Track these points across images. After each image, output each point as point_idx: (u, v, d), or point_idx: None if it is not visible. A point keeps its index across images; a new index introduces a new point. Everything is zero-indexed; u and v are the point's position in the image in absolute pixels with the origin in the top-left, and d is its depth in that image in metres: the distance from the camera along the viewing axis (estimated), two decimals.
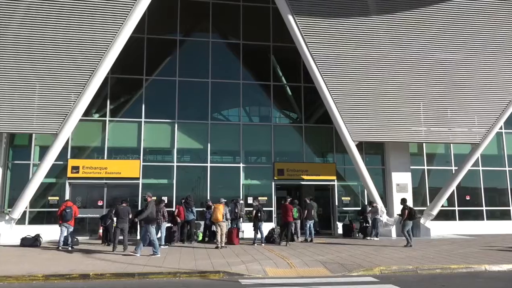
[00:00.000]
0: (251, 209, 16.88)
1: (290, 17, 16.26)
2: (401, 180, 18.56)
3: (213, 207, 14.92)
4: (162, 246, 13.87)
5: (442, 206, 18.36)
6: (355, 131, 16.96)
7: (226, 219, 14.31)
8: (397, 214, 16.64)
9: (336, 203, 18.92)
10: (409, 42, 17.14)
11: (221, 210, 13.96)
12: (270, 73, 19.52)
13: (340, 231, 18.22)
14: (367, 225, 17.01)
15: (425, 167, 19.78)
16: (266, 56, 19.61)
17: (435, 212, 17.99)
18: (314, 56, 16.45)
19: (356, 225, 17.75)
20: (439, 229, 18.37)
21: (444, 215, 19.21)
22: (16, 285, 8.60)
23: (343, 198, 19.23)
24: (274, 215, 18.15)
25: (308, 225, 15.85)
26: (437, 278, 9.37)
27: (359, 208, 18.49)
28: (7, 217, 15.07)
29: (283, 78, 20.09)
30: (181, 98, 18.36)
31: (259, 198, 16.93)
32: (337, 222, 18.65)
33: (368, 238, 16.58)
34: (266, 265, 10.40)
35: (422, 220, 17.87)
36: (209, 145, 18.31)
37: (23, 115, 14.81)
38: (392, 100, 17.13)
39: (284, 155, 19.30)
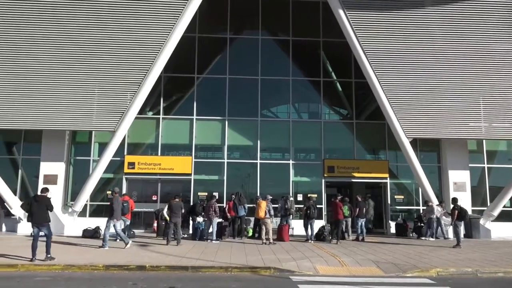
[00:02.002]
0: (301, 206, 16.86)
1: (341, 11, 15.97)
2: (459, 179, 17.72)
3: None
4: (213, 241, 14.18)
5: (504, 206, 17.30)
6: (409, 127, 16.40)
7: (270, 216, 14.32)
8: (445, 212, 15.92)
9: (389, 202, 18.40)
10: (467, 33, 16.29)
11: (262, 207, 14.01)
12: (320, 69, 19.28)
13: (392, 230, 17.71)
14: (422, 224, 16.42)
15: (485, 165, 18.74)
16: (316, 52, 19.39)
17: (496, 212, 17.00)
18: (366, 51, 16.06)
19: (410, 224, 17.18)
20: (500, 231, 17.32)
21: (506, 216, 18.09)
22: (79, 274, 9.12)
23: (396, 197, 18.66)
24: (324, 213, 17.96)
25: (359, 223, 15.54)
26: (499, 282, 8.89)
27: (413, 207, 17.88)
28: (70, 210, 16.01)
29: (333, 74, 19.80)
30: (231, 95, 18.60)
31: (309, 195, 16.83)
32: (390, 221, 18.14)
33: (423, 238, 16.00)
34: (316, 263, 10.33)
35: (481, 221, 16.97)
36: (258, 142, 18.41)
37: (83, 114, 15.62)
38: (449, 94, 16.37)
39: (334, 152, 19.04)
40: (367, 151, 19.29)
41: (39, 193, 10.72)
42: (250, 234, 15.94)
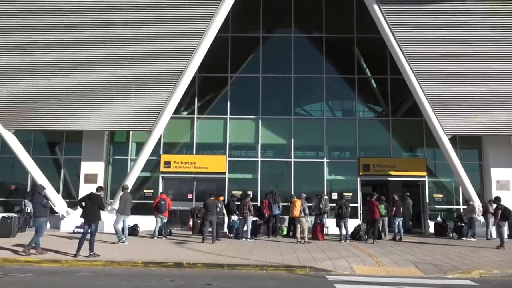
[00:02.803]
0: (335, 204, 16.67)
1: (375, 6, 15.64)
2: (502, 177, 17.02)
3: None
4: (248, 239, 14.26)
5: None
6: (448, 124, 15.88)
7: (305, 214, 14.24)
8: (485, 212, 15.33)
9: (427, 201, 17.90)
10: (508, 25, 15.55)
11: (297, 206, 13.95)
12: (354, 66, 18.99)
13: (431, 230, 17.22)
14: (462, 224, 15.89)
15: None
16: (350, 49, 19.11)
17: None
18: (402, 46, 15.66)
19: (450, 224, 16.66)
20: None
21: None
22: (119, 270, 9.40)
23: (434, 196, 18.13)
24: (359, 212, 17.69)
25: (396, 223, 15.20)
26: None
27: (453, 206, 17.32)
28: (109, 208, 16.51)
29: (367, 71, 19.46)
30: (264, 94, 18.63)
31: (344, 193, 16.65)
32: (428, 221, 17.65)
33: (464, 238, 15.47)
34: (353, 262, 10.20)
35: None
36: (292, 140, 18.35)
37: (121, 115, 16.05)
38: (490, 89, 15.71)
39: (369, 150, 18.72)
40: (404, 148, 18.84)
41: (94, 191, 11.08)
42: (285, 232, 15.91)
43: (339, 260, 10.45)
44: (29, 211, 15.29)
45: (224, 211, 14.83)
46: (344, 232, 14.62)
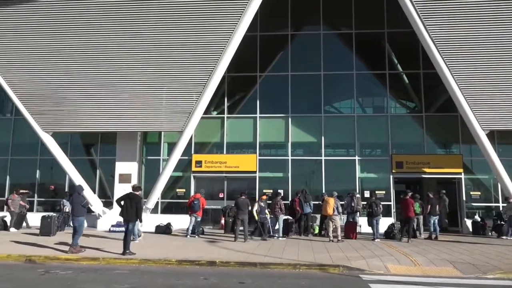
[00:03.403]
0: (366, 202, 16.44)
1: (407, 0, 15.26)
2: None
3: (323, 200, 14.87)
4: (280, 238, 14.25)
5: None
6: (485, 119, 15.33)
7: (338, 213, 14.09)
8: None
9: (464, 198, 17.36)
10: None
11: (331, 204, 13.82)
12: (385, 62, 18.62)
13: (469, 228, 16.69)
14: (502, 222, 15.32)
15: None
16: (380, 44, 18.75)
17: None
18: (435, 40, 15.22)
19: (488, 222, 16.09)
20: None
21: None
22: (154, 267, 9.59)
23: (471, 193, 17.56)
24: (393, 210, 17.36)
25: (432, 221, 14.82)
26: None
27: (492, 204, 16.72)
28: (143, 207, 16.84)
29: (398, 66, 19.04)
30: (294, 92, 18.55)
31: (376, 191, 16.38)
32: (465, 219, 17.12)
33: (504, 237, 14.92)
34: (387, 261, 10.03)
35: None
36: (322, 138, 18.20)
37: (153, 116, 16.36)
38: None
39: (402, 147, 18.32)
40: (438, 145, 18.34)
41: (131, 191, 11.33)
42: (317, 231, 15.80)
43: (373, 259, 10.29)
44: (67, 210, 15.84)
45: (267, 210, 14.61)
46: (376, 230, 14.37)
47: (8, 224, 15.92)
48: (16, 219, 15.97)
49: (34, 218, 16.39)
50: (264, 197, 14.89)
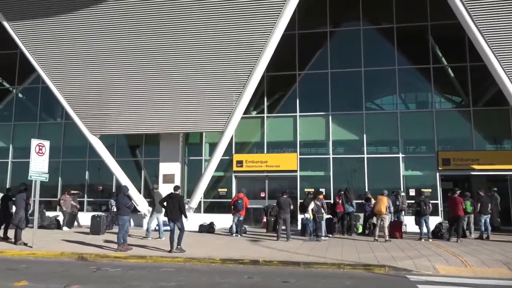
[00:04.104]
0: (413, 201, 15.96)
1: None
2: None
3: (371, 199, 14.60)
4: (323, 237, 14.11)
5: None
6: None
7: (389, 212, 13.78)
8: None
9: None
10: None
11: (385, 202, 13.52)
12: (428, 55, 17.98)
13: None
14: None
15: None
16: (423, 37, 18.13)
17: None
18: (483, 31, 14.52)
19: None
20: None
21: None
22: (199, 266, 9.77)
23: None
24: (440, 209, 16.76)
25: (483, 220, 14.18)
26: None
27: None
28: (186, 206, 17.18)
29: (443, 59, 18.35)
30: (334, 89, 18.31)
31: (422, 189, 15.88)
32: None
33: None
34: (435, 262, 9.70)
35: None
36: (364, 135, 17.85)
37: (194, 117, 16.65)
38: None
39: (448, 143, 17.66)
40: (488, 140, 17.52)
41: (172, 191, 11.63)
42: (360, 230, 15.54)
43: (420, 259, 9.99)
44: (115, 210, 16.42)
45: (323, 209, 14.41)
46: (425, 230, 13.92)
47: (61, 223, 16.73)
48: (68, 218, 16.75)
49: (84, 218, 17.17)
50: (321, 196, 14.60)
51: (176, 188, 11.72)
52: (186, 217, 11.35)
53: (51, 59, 17.35)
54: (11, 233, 12.87)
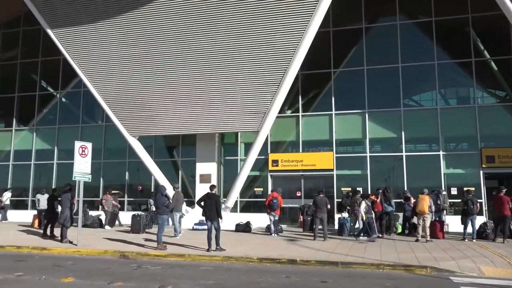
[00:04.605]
0: (455, 200, 15.44)
1: None
2: None
3: (410, 198, 14.22)
4: (360, 237, 13.89)
5: None
6: None
7: (431, 211, 13.38)
8: None
9: None
10: None
11: (427, 201, 13.15)
12: (469, 49, 17.33)
13: None
14: None
15: None
16: (464, 30, 17.49)
17: None
18: None
19: None
20: None
21: None
22: (236, 265, 9.85)
23: None
24: (484, 208, 16.10)
25: None
26: None
27: None
28: (223, 206, 17.37)
29: (485, 52, 17.62)
30: (370, 87, 17.98)
31: (466, 188, 15.32)
32: None
33: None
34: (480, 263, 9.34)
35: None
36: (402, 133, 17.43)
37: (229, 117, 16.81)
38: None
39: (493, 140, 16.96)
40: None
41: (209, 190, 11.76)
42: (399, 230, 15.18)
43: (464, 261, 9.65)
44: (154, 209, 16.83)
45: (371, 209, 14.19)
46: (469, 230, 13.40)
47: (103, 222, 17.31)
48: (110, 217, 17.31)
49: (125, 217, 17.68)
50: (373, 196, 14.28)
51: (212, 187, 11.84)
52: (221, 217, 11.43)
53: (92, 64, 17.99)
54: (57, 231, 13.45)
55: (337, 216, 16.26)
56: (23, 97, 22.61)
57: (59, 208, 13.39)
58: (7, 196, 20.19)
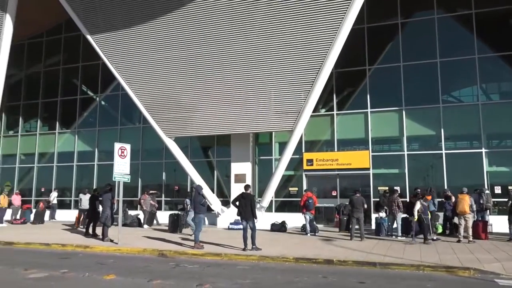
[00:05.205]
0: (499, 200, 14.81)
1: None
2: None
3: (451, 197, 13.78)
4: (399, 237, 13.61)
5: None
6: None
7: (472, 211, 12.91)
8: None
9: None
10: None
11: (467, 201, 12.70)
12: None
13: None
14: None
15: None
16: (507, 22, 16.75)
17: None
18: None
19: None
20: None
21: None
22: (272, 264, 9.87)
23: None
24: None
25: None
26: None
27: None
28: (258, 206, 17.44)
29: None
30: (407, 83, 17.53)
31: (510, 187, 14.68)
32: None
33: None
34: None
35: None
36: (442, 130, 16.88)
37: (263, 117, 16.83)
38: None
39: None
40: None
41: (243, 190, 11.84)
42: (440, 230, 14.72)
43: (510, 262, 9.24)
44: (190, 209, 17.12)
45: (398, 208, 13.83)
46: None
47: (142, 221, 17.77)
48: (148, 217, 17.75)
49: (162, 216, 18.08)
50: (429, 197, 13.57)
51: (247, 187, 11.89)
52: (256, 217, 11.45)
53: (130, 67, 18.50)
54: (99, 230, 13.93)
55: (374, 216, 15.97)
56: (65, 101, 23.54)
57: (100, 208, 13.86)
58: (54, 196, 21.14)
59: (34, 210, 20.33)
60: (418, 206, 12.64)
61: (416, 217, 12.55)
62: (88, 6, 18.51)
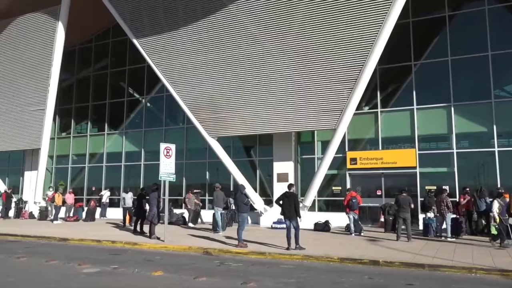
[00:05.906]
0: None
1: None
2: None
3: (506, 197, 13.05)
4: (448, 238, 13.11)
5: None
6: None
7: None
8: None
9: None
10: None
11: None
12: None
13: None
14: None
15: None
16: None
17: None
18: None
19: None
20: None
21: None
22: (316, 264, 9.80)
23: None
24: None
25: None
26: None
27: None
28: (301, 205, 17.34)
29: None
30: (455, 78, 16.83)
31: None
32: None
33: None
34: None
35: None
36: (494, 126, 16.07)
37: (306, 116, 16.73)
38: None
39: None
40: None
41: (286, 189, 11.84)
42: (493, 232, 14.00)
43: None
44: (233, 208, 17.30)
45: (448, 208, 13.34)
46: None
47: (187, 219, 18.17)
48: (193, 215, 18.12)
49: (206, 215, 18.40)
50: (507, 195, 12.46)
51: (290, 186, 11.86)
52: (299, 216, 11.41)
53: (174, 69, 18.97)
54: (146, 228, 14.38)
55: (421, 216, 15.47)
56: (113, 103, 24.46)
57: (147, 206, 14.30)
58: (106, 195, 22.07)
59: (85, 208, 21.31)
60: (495, 205, 11.76)
61: (497, 218, 11.60)
62: (133, 11, 19.17)
